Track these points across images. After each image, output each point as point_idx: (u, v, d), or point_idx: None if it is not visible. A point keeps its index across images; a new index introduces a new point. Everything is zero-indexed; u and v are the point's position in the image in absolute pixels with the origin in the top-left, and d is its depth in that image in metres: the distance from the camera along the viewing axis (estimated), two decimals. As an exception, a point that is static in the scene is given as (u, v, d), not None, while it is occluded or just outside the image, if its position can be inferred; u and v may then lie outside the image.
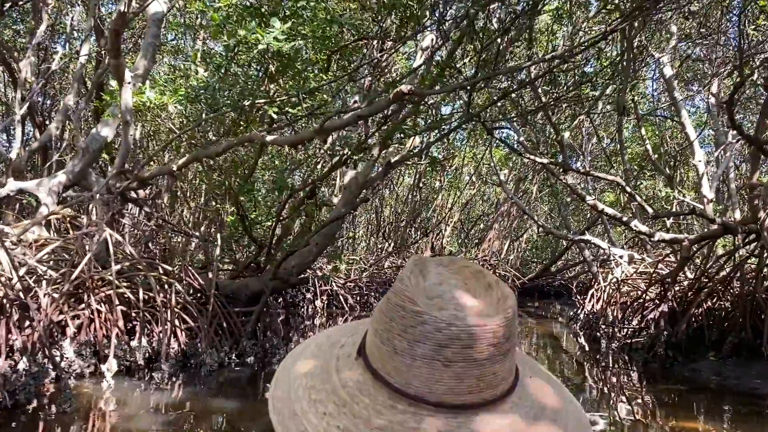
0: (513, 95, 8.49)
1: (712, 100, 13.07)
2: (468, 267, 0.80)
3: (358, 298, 16.59)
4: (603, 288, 12.37)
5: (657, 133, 15.45)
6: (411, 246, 21.62)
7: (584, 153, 16.81)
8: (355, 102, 8.92)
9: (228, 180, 8.54)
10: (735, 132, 6.65)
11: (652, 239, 9.15)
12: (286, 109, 7.40)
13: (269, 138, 7.47)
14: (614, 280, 11.91)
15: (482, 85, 7.64)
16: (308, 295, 15.91)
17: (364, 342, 0.78)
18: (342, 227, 21.60)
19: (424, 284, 0.76)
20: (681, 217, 13.12)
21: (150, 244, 10.85)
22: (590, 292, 12.45)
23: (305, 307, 15.74)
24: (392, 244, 21.50)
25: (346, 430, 0.70)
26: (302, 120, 7.81)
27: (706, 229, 10.41)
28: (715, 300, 8.84)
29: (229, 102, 7.22)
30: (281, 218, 8.47)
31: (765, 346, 7.72)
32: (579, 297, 14.40)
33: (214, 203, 10.11)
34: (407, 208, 21.82)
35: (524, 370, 0.81)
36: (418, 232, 21.95)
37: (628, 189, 8.81)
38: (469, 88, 7.50)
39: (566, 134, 9.31)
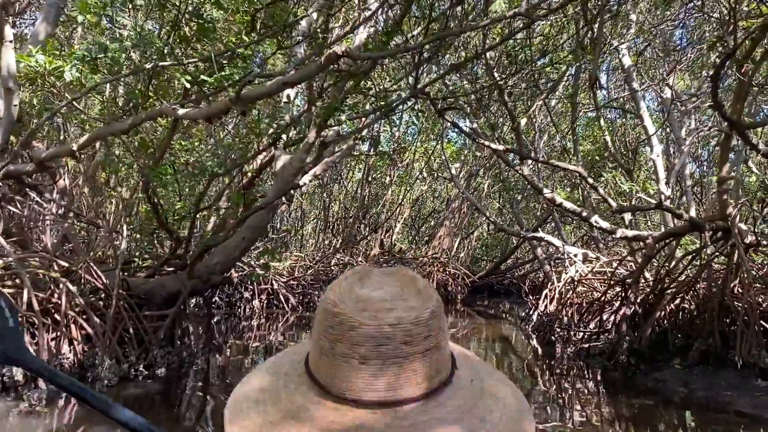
0: (465, 70, 7.44)
1: (668, 93, 12.33)
2: (406, 275, 0.83)
3: (301, 298, 15.30)
4: (557, 288, 11.46)
5: (610, 129, 14.67)
6: (359, 242, 20.46)
7: (536, 150, 15.95)
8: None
9: (139, 163, 7.19)
10: (719, 115, 5.75)
11: (613, 236, 8.23)
12: (202, 77, 6.13)
13: (181, 112, 6.16)
14: (569, 279, 11.00)
15: (432, 60, 6.55)
16: (246, 295, 14.58)
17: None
18: (275, 219, 20.41)
19: (357, 290, 0.79)
20: (636, 214, 12.34)
21: (68, 237, 9.37)
22: (544, 293, 11.51)
23: (243, 308, 14.41)
24: (340, 241, 20.32)
25: (276, 425, 0.74)
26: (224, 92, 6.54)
27: (664, 227, 9.56)
28: (679, 302, 7.96)
29: (131, 66, 5.90)
30: (201, 208, 7.17)
31: (737, 355, 6.85)
32: (531, 297, 13.48)
33: (122, 189, 8.71)
34: (356, 204, 20.64)
35: (467, 372, 0.81)
36: (367, 228, 20.79)
37: (589, 180, 7.86)
38: (417, 60, 6.37)
39: (523, 121, 8.33)
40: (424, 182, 23.54)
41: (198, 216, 8.06)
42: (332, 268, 17.57)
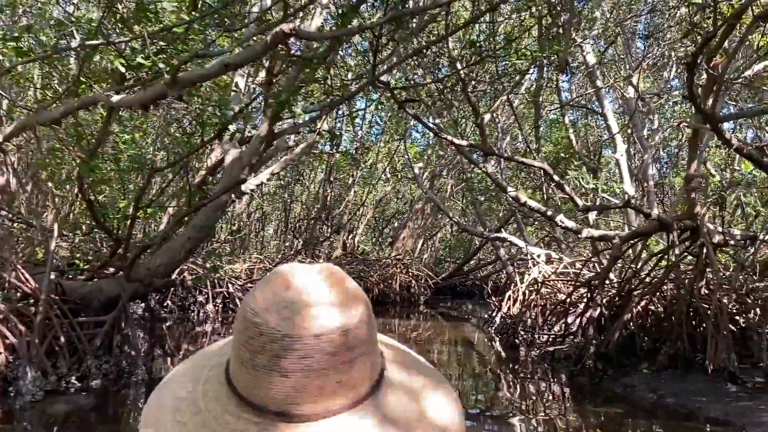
0: (427, 59, 6.95)
1: (631, 92, 12.11)
2: (333, 275, 0.74)
3: (259, 300, 14.61)
4: (520, 289, 11.09)
5: (574, 129, 14.43)
6: (321, 244, 19.86)
7: (499, 149, 15.64)
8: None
9: (73, 155, 6.51)
10: (694, 107, 5.39)
11: (579, 236, 7.86)
12: (138, 60, 5.51)
13: (115, 98, 5.54)
14: (532, 281, 10.64)
15: (390, 45, 6.04)
16: (200, 298, 13.86)
17: None
18: (233, 221, 19.71)
19: (281, 294, 0.71)
20: (599, 216, 12.07)
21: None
22: (507, 294, 11.13)
23: (196, 312, 13.68)
24: (301, 242, 19.70)
25: None
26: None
27: (628, 228, 9.26)
28: (646, 304, 7.62)
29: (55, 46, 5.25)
30: (141, 206, 6.51)
31: (707, 359, 6.53)
32: (494, 298, 13.11)
33: (50, 184, 7.97)
34: (318, 204, 20.05)
35: (397, 373, 0.76)
36: (330, 230, 20.22)
37: (555, 177, 7.48)
38: (375, 45, 5.86)
39: (486, 117, 7.92)
40: (387, 183, 23.10)
41: (141, 215, 7.40)
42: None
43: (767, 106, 6.64)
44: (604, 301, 7.77)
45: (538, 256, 11.71)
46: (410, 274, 18.75)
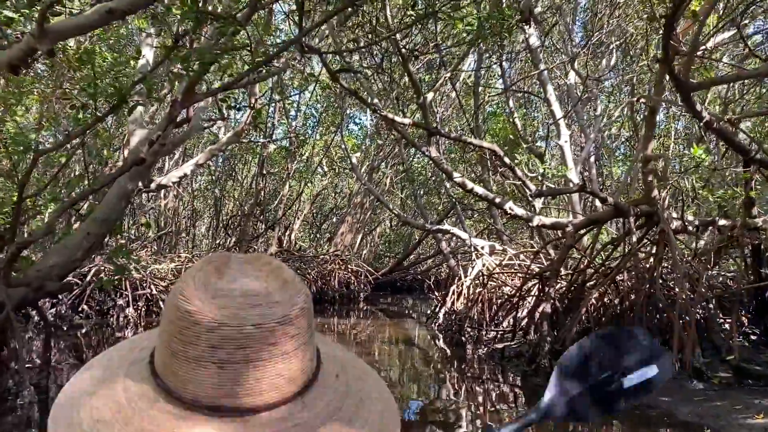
0: (361, 25, 6.01)
1: (572, 78, 11.61)
2: (269, 264, 0.70)
3: (186, 302, 13.33)
4: (464, 283, 10.37)
5: (519, 113, 13.83)
6: (255, 240, 18.65)
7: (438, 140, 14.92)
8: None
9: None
10: (667, 74, 4.71)
11: (530, 224, 7.15)
12: (4, 14, 4.36)
13: (-24, 61, 4.36)
14: (478, 274, 9.92)
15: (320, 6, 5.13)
16: (120, 302, 12.49)
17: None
18: (159, 219, 18.25)
19: (215, 283, 0.66)
20: (544, 203, 11.50)
21: None
22: (451, 289, 10.36)
23: (116, 317, 12.30)
24: (234, 240, 18.45)
25: (110, 427, 0.62)
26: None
27: (573, 216, 8.65)
28: (601, 296, 6.99)
29: None
30: (25, 196, 5.31)
31: (677, 352, 5.92)
32: (437, 293, 12.35)
33: None
34: (250, 199, 18.81)
35: (332, 366, 0.72)
36: (263, 225, 19.04)
37: (506, 160, 6.73)
38: (300, 3, 4.89)
39: (429, 96, 7.07)
40: (324, 177, 22.10)
41: (29, 207, 6.16)
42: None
43: (744, 71, 6.10)
44: (557, 294, 7.08)
45: (482, 248, 11.03)
46: (349, 270, 17.83)
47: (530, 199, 7.46)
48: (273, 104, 15.44)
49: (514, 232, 16.66)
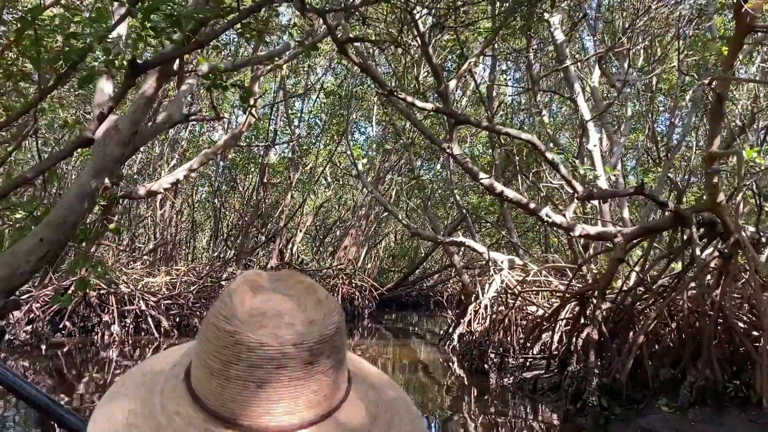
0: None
1: (596, 80, 10.45)
2: (302, 282, 0.70)
3: (178, 320, 12.07)
4: (482, 302, 9.14)
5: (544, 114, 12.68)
6: (254, 253, 17.45)
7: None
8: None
9: None
10: None
11: (570, 233, 5.96)
12: None
13: None
14: (500, 291, 8.70)
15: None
16: (106, 318, 11.27)
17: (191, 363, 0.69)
18: (150, 229, 17.03)
19: (250, 301, 0.66)
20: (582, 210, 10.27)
21: None
22: (469, 308, 9.11)
23: (101, 334, 11.07)
24: (233, 252, 17.26)
25: None
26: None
27: (602, 225, 7.41)
28: (656, 321, 5.76)
29: None
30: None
31: (759, 392, 4.69)
32: (450, 312, 11.11)
33: None
34: (251, 210, 17.65)
35: (361, 385, 0.72)
36: (264, 237, 17.86)
37: (549, 155, 5.55)
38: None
39: (452, 84, 5.91)
40: (328, 188, 20.97)
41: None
42: (222, 284, 14.43)
43: None
44: (601, 316, 5.85)
45: (501, 262, 9.82)
46: (353, 285, 16.59)
47: (577, 201, 6.29)
48: (275, 108, 14.37)
49: (526, 247, 15.42)
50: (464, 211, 14.00)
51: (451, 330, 10.34)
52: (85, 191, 4.90)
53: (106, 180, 4.87)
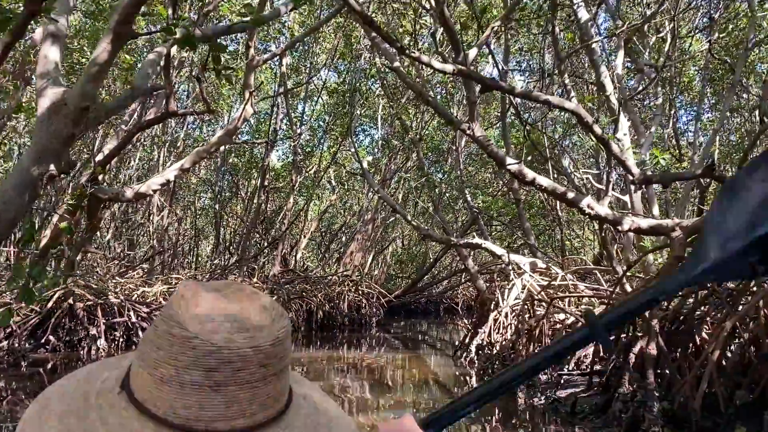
0: None
1: (619, 66, 9.42)
2: (242, 290, 0.70)
3: (172, 331, 11.08)
4: (503, 310, 8.08)
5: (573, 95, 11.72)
6: (256, 259, 16.44)
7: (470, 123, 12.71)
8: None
9: None
10: None
11: (618, 227, 4.91)
12: None
13: None
14: (526, 297, 7.64)
15: None
16: (93, 331, 10.28)
17: (129, 374, 0.66)
18: (148, 235, 16.03)
19: (195, 309, 0.65)
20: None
21: None
22: (490, 316, 8.04)
23: (87, 349, 10.07)
24: (234, 259, 16.26)
25: None
26: None
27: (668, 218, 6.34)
28: (726, 334, 4.69)
29: None
30: None
31: None
32: (466, 320, 10.02)
33: None
34: (252, 215, 16.66)
35: (298, 389, 0.73)
36: (266, 243, 16.86)
37: (596, 129, 4.52)
38: None
39: (472, 53, 4.91)
40: (333, 193, 19.99)
41: None
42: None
43: None
44: (659, 329, 4.78)
45: (523, 265, 8.78)
46: (360, 292, 15.52)
47: (634, 186, 5.26)
48: (275, 107, 13.42)
49: (542, 249, 14.33)
50: (475, 212, 12.96)
51: (467, 340, 9.26)
52: (25, 181, 3.89)
53: (52, 166, 3.86)
